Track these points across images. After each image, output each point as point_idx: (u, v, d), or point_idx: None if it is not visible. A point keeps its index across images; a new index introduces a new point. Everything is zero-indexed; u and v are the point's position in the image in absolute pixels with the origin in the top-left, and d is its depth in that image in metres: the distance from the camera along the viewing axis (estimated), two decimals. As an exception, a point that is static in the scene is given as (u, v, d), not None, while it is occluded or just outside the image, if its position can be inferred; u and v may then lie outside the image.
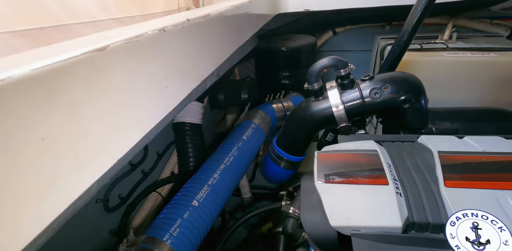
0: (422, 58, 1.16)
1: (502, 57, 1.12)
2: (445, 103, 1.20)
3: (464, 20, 1.59)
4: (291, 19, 1.68)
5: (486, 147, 0.57)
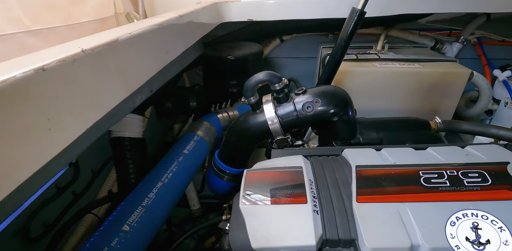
0: (357, 69, 1.24)
1: (424, 68, 1.25)
2: (379, 110, 1.30)
3: (397, 31, 1.74)
4: (240, 26, 1.69)
5: (397, 159, 0.62)
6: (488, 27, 1.69)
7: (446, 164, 0.60)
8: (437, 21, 1.72)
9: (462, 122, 0.87)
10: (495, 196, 0.51)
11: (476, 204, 0.50)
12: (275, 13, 1.30)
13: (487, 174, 0.56)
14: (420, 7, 1.26)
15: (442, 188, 0.53)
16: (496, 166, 0.58)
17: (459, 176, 0.56)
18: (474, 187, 0.53)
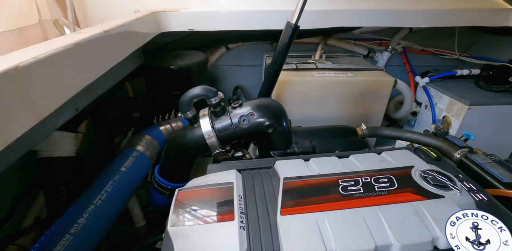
0: (296, 78, 1.31)
1: (356, 76, 1.36)
2: (318, 117, 1.39)
3: (334, 40, 1.87)
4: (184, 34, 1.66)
5: (322, 169, 0.68)
6: (411, 38, 1.91)
7: (363, 171, 0.67)
8: (369, 32, 1.89)
9: (383, 128, 0.97)
10: (398, 199, 0.58)
11: (382, 208, 0.56)
12: (216, 24, 1.32)
13: (394, 179, 0.64)
14: (349, 22, 1.38)
15: (356, 195, 0.59)
16: (402, 171, 0.67)
17: (371, 182, 0.63)
18: (382, 192, 0.60)
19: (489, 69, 1.61)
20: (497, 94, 1.46)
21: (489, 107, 1.36)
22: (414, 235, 0.51)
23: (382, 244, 0.50)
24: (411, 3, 1.46)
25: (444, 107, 1.48)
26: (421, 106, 1.64)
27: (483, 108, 1.36)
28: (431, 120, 1.53)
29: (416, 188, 0.61)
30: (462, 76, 1.66)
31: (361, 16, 1.38)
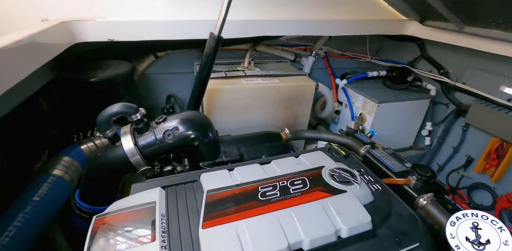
0: (225, 86, 1.35)
1: (282, 82, 1.46)
2: (249, 123, 1.45)
3: (264, 47, 1.96)
4: (106, 43, 1.56)
5: (244, 177, 0.72)
6: (331, 43, 2.10)
7: (281, 176, 0.73)
8: (294, 39, 2.03)
9: (304, 131, 1.06)
10: (310, 198, 0.66)
11: (295, 209, 0.62)
12: (139, 34, 1.27)
13: (307, 180, 0.71)
14: (273, 31, 1.46)
15: (274, 199, 0.65)
16: (314, 171, 0.75)
17: (287, 186, 0.69)
18: (296, 193, 0.67)
19: (392, 71, 1.88)
20: (399, 92, 1.72)
21: (393, 104, 1.60)
22: (321, 229, 0.58)
23: (294, 242, 0.56)
24: (328, 15, 1.62)
25: (360, 105, 1.69)
26: (342, 105, 1.84)
27: (389, 105, 1.59)
28: (351, 118, 1.73)
29: (325, 186, 0.70)
30: (373, 77, 1.90)
31: (284, 26, 1.48)
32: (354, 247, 0.59)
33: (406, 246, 0.60)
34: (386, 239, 0.61)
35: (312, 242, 0.57)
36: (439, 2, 1.34)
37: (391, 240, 0.61)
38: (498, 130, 1.31)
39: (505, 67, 1.37)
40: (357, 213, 0.63)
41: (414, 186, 0.76)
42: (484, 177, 1.43)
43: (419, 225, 0.65)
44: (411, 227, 0.64)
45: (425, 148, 1.73)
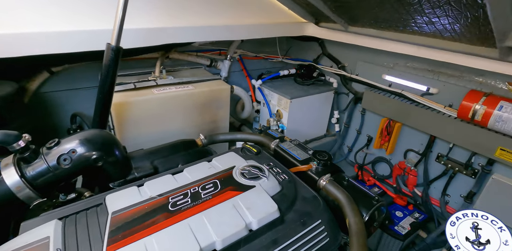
0: (135, 98, 1.28)
1: (196, 88, 1.46)
2: (167, 134, 1.41)
3: (177, 54, 1.92)
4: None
5: (154, 191, 0.70)
6: (244, 46, 2.19)
7: (193, 182, 0.74)
8: (208, 44, 2.05)
9: (219, 134, 1.09)
10: (221, 199, 0.68)
11: (206, 212, 0.64)
12: (21, 49, 1.11)
13: (219, 182, 0.74)
14: (183, 38, 1.45)
15: (185, 207, 0.65)
16: (225, 173, 0.78)
17: (198, 191, 0.70)
18: (207, 197, 0.68)
19: (301, 68, 2.07)
20: (308, 87, 1.91)
21: (304, 98, 1.76)
22: (231, 227, 0.61)
23: (206, 244, 0.58)
24: (236, 20, 1.67)
25: (276, 102, 1.81)
26: (260, 104, 1.94)
27: (300, 100, 1.75)
28: (269, 115, 1.84)
29: (236, 185, 0.73)
30: (285, 75, 2.06)
31: (194, 32, 1.47)
32: (265, 236, 0.63)
33: (310, 224, 0.68)
34: (293, 222, 0.68)
35: (224, 241, 0.59)
36: (325, 6, 1.53)
37: (298, 222, 0.68)
38: (385, 111, 1.56)
39: (384, 59, 1.65)
40: (265, 204, 0.68)
41: (315, 170, 0.85)
42: (381, 151, 1.69)
43: (320, 204, 0.74)
44: (314, 207, 0.73)
45: (336, 134, 1.96)
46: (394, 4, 1.17)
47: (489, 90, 1.25)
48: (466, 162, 1.35)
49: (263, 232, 0.64)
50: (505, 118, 1.12)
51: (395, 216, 1.46)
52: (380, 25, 1.45)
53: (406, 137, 1.58)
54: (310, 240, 0.66)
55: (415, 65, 1.56)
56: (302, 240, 0.65)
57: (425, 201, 1.51)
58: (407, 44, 1.37)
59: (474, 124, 1.23)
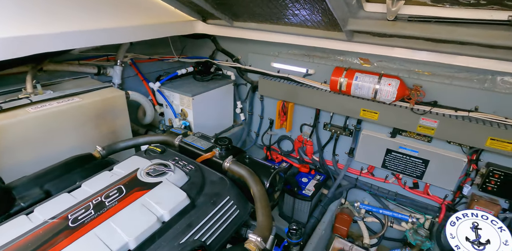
0: (4, 122, 1.09)
1: (84, 100, 1.34)
2: (57, 155, 1.24)
3: (53, 65, 1.68)
4: None
5: (47, 214, 0.64)
6: (135, 49, 2.07)
7: (94, 194, 0.71)
8: (91, 50, 1.86)
9: (119, 142, 1.05)
10: (128, 202, 0.68)
11: (113, 218, 0.64)
12: None
13: (123, 187, 0.73)
14: (58, 45, 1.27)
15: (88, 220, 0.63)
16: (129, 176, 0.77)
17: (102, 201, 0.68)
18: (113, 204, 0.68)
19: (198, 65, 2.11)
20: (208, 82, 1.97)
21: (205, 94, 1.82)
22: (142, 224, 0.63)
23: (119, 247, 0.58)
24: (118, 22, 1.56)
25: (178, 102, 1.81)
26: (164, 107, 1.91)
27: (202, 96, 1.80)
28: (174, 116, 1.83)
29: (142, 185, 0.74)
30: (184, 74, 2.06)
31: (67, 38, 1.31)
32: (179, 223, 0.67)
33: (220, 202, 0.75)
34: (204, 204, 0.73)
35: (137, 239, 0.60)
36: (207, 4, 1.59)
37: (208, 203, 0.74)
38: (278, 94, 1.76)
39: (270, 49, 1.83)
40: (173, 195, 0.71)
41: (219, 155, 0.93)
42: (282, 130, 1.92)
43: (227, 183, 0.82)
44: (222, 187, 0.80)
45: (243, 123, 2.11)
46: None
47: (348, 65, 1.56)
48: (344, 125, 1.67)
49: (177, 220, 0.68)
50: (360, 85, 1.43)
51: (302, 182, 1.70)
52: (258, 19, 1.61)
53: (299, 114, 1.83)
54: (222, 215, 0.73)
55: (294, 52, 1.80)
56: (215, 217, 0.72)
57: (322, 164, 1.80)
58: (284, 34, 1.57)
59: (343, 94, 1.53)
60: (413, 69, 1.45)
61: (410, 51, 1.31)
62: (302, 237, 0.73)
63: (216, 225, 0.70)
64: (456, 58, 1.23)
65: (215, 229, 0.70)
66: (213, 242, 0.68)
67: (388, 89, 1.37)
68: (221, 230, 0.70)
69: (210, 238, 0.68)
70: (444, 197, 1.49)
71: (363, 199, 1.80)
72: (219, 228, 0.70)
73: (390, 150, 1.52)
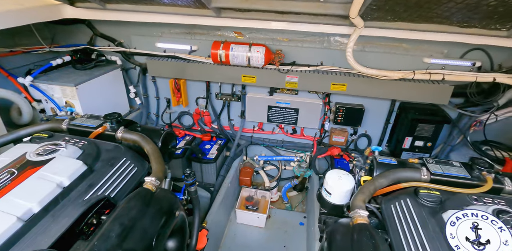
0: None
1: None
2: None
3: None
4: None
5: None
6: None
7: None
8: None
9: None
10: (23, 179, 0.73)
11: (11, 193, 0.69)
12: None
13: (14, 169, 0.77)
14: None
15: (-19, 200, 0.67)
16: (18, 160, 0.81)
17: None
18: (6, 183, 0.72)
19: (75, 53, 1.97)
20: (91, 70, 1.88)
21: (90, 82, 1.76)
22: (42, 190, 0.71)
23: (23, 212, 0.65)
24: None
25: (60, 95, 1.70)
26: (43, 102, 1.76)
27: (87, 84, 1.73)
28: (57, 110, 1.71)
29: (34, 164, 0.79)
30: (60, 65, 1.90)
31: None
32: (81, 185, 0.78)
33: (117, 164, 0.88)
34: (102, 167, 0.85)
35: (41, 203, 0.69)
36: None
37: (106, 166, 0.85)
38: (168, 73, 1.86)
39: (152, 30, 1.86)
40: (70, 165, 0.80)
41: (111, 128, 1.02)
42: (180, 107, 2.06)
43: (122, 148, 0.94)
44: (117, 152, 0.92)
45: (140, 107, 2.13)
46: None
47: (225, 39, 1.76)
48: (232, 92, 1.92)
49: (78, 184, 0.78)
50: (236, 55, 1.67)
51: (205, 149, 1.92)
52: (132, 0, 1.61)
53: (192, 89, 1.99)
54: (121, 173, 0.86)
55: (176, 31, 1.89)
56: (115, 175, 0.84)
57: (221, 130, 2.05)
58: (161, 14, 1.63)
59: (224, 64, 1.74)
60: (275, 37, 1.77)
61: (266, 22, 1.59)
62: (195, 178, 0.93)
63: (117, 181, 0.83)
64: (301, 25, 1.57)
65: (117, 185, 0.83)
66: (117, 194, 0.81)
67: (257, 55, 1.65)
68: (123, 184, 0.84)
69: (113, 192, 0.81)
70: (314, 135, 1.95)
71: (261, 152, 2.15)
72: (121, 183, 0.84)
73: (270, 106, 1.86)
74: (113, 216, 0.66)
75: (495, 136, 1.75)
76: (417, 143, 1.69)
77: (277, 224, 1.83)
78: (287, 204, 2.02)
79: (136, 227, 0.66)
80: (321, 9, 1.38)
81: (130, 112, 2.09)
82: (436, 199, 0.70)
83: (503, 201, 0.70)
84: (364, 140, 1.93)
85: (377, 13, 1.32)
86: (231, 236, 1.75)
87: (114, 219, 0.65)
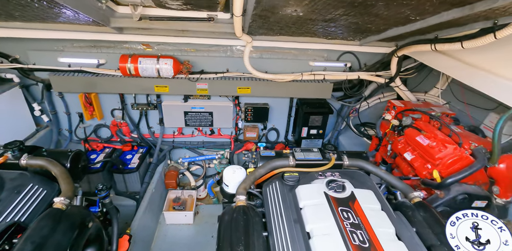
0: None
1: None
2: None
3: None
4: None
5: None
6: None
7: None
8: None
9: None
10: None
11: None
12: None
13: None
14: None
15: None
16: None
17: None
18: None
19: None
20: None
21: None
22: None
23: None
24: None
25: None
26: None
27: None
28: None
29: None
30: None
31: None
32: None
33: (24, 190, 0.93)
34: (8, 196, 0.89)
35: None
36: None
37: (12, 194, 0.90)
38: (76, 88, 1.83)
39: (52, 44, 1.78)
40: (-30, 199, 0.83)
41: (14, 157, 1.05)
42: (95, 120, 2.03)
43: (27, 175, 0.99)
44: (23, 180, 0.96)
45: (48, 124, 2.03)
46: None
47: (133, 52, 1.81)
48: (147, 102, 2.00)
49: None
50: (145, 67, 1.75)
51: (126, 159, 1.97)
52: (22, 19, 1.50)
53: (105, 101, 1.99)
54: (30, 197, 0.92)
55: (80, 45, 1.85)
56: (23, 201, 0.90)
57: (141, 138, 2.12)
58: (60, 31, 1.59)
59: (135, 76, 1.81)
60: (183, 48, 1.89)
61: (170, 37, 1.71)
62: (108, 191, 1.04)
63: (25, 206, 0.90)
64: (203, 39, 1.73)
65: (26, 209, 0.89)
66: (28, 217, 0.88)
67: (166, 67, 1.77)
68: (33, 208, 0.91)
69: (23, 216, 0.87)
70: (230, 133, 2.18)
71: (184, 155, 2.30)
72: (30, 207, 0.90)
73: (186, 112, 2.01)
74: (24, 237, 0.75)
75: (370, 119, 2.24)
76: (312, 131, 2.06)
77: (205, 218, 2.01)
78: (213, 199, 2.22)
79: (49, 243, 0.75)
80: (214, 29, 1.56)
81: (38, 131, 1.98)
82: (295, 179, 0.98)
83: (338, 173, 1.02)
84: (274, 133, 2.24)
85: (261, 30, 1.57)
86: (161, 237, 1.87)
87: (26, 240, 0.74)
